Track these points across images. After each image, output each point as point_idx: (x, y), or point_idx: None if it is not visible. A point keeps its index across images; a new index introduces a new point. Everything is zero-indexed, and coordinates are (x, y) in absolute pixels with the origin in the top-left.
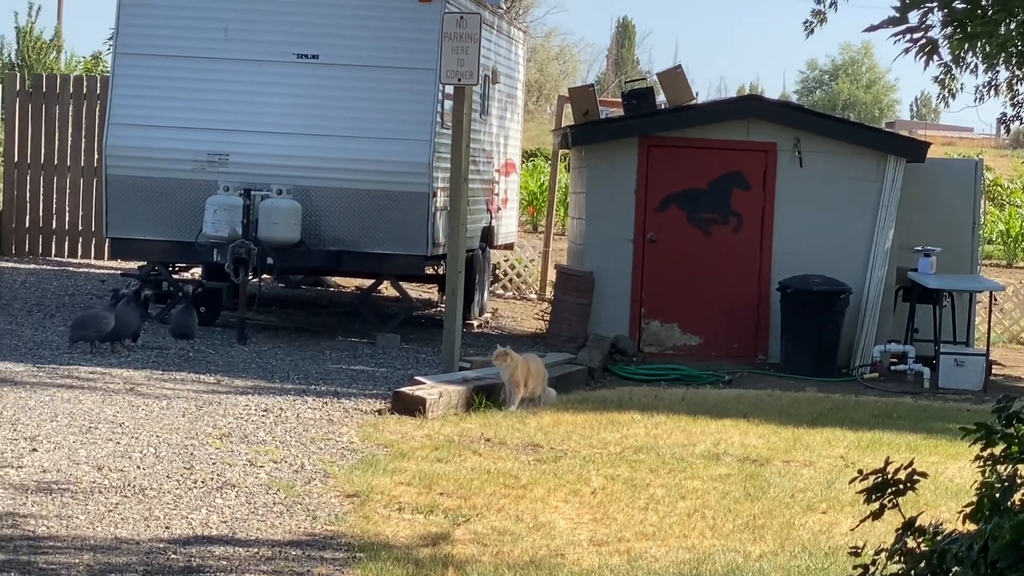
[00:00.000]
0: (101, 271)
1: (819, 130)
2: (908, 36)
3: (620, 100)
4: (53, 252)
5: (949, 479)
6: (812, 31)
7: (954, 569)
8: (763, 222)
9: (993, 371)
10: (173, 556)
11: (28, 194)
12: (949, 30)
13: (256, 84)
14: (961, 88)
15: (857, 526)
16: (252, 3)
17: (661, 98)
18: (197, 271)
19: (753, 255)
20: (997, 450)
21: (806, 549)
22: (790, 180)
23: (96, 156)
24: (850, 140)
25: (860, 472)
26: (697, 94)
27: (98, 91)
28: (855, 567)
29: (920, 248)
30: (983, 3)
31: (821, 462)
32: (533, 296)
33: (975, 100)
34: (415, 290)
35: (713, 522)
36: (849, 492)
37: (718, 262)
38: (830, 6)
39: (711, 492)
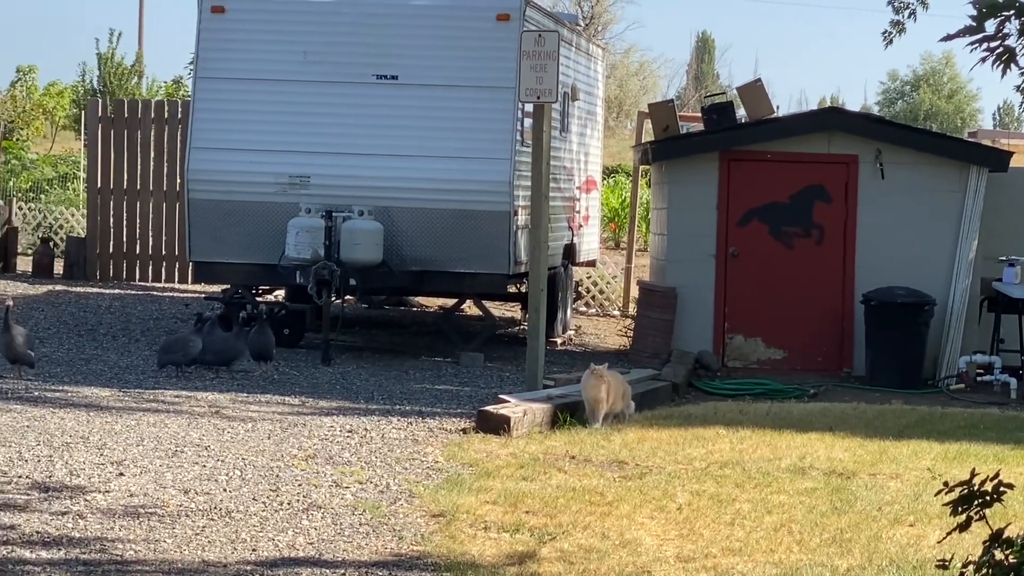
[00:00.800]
0: (185, 295)
1: (900, 141)
2: (985, 45)
3: (700, 115)
4: (137, 277)
5: None
6: (891, 41)
7: None
8: (845, 234)
9: None
10: None
11: (112, 219)
12: None
13: (336, 106)
14: None
15: (944, 538)
16: (331, 26)
17: (741, 112)
18: (280, 293)
19: (836, 268)
20: None
21: (894, 563)
22: (872, 192)
23: (178, 180)
24: (932, 151)
25: (946, 484)
26: (777, 107)
27: (179, 116)
28: None
29: (1004, 258)
30: None
31: (908, 474)
32: (616, 313)
33: None
34: (498, 308)
35: (800, 536)
36: (936, 504)
37: (801, 275)
38: (908, 16)
39: (797, 506)
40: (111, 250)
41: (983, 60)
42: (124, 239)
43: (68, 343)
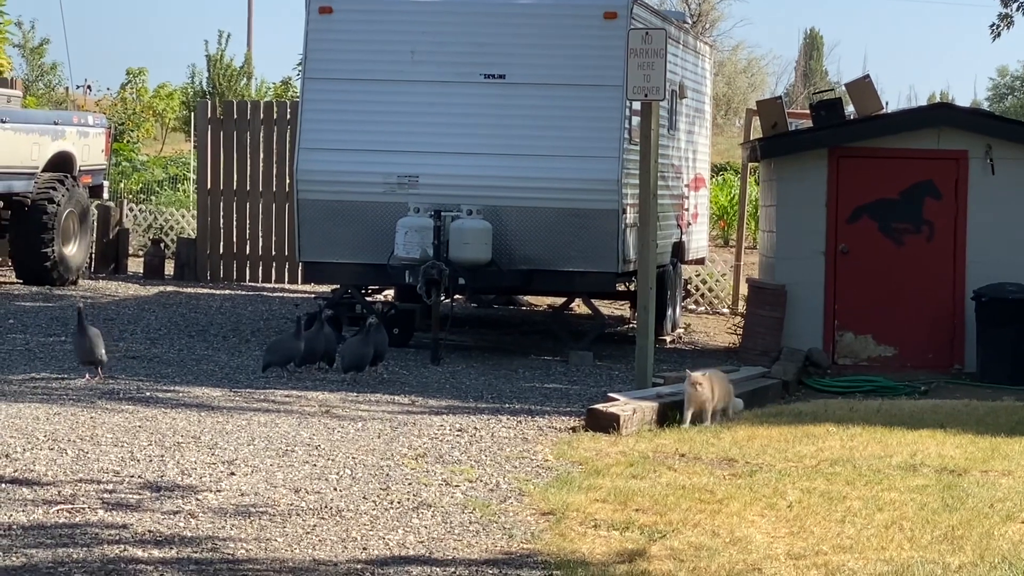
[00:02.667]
0: (295, 295)
1: (1010, 136)
2: None
3: (809, 112)
4: (247, 277)
5: None
6: (999, 34)
7: None
8: (956, 231)
9: None
10: None
11: (221, 220)
12: None
13: (444, 105)
14: None
15: None
16: (438, 25)
17: (850, 109)
18: (390, 293)
19: (946, 264)
20: None
21: (1006, 560)
22: (982, 188)
23: (287, 181)
24: None
25: None
26: (886, 104)
27: (288, 116)
28: None
29: None
30: None
31: (1020, 471)
32: (725, 310)
33: None
34: (607, 307)
35: (911, 534)
36: None
37: (911, 272)
38: (1017, 9)
39: (908, 504)
40: (221, 251)
41: None
42: (234, 240)
43: (179, 344)
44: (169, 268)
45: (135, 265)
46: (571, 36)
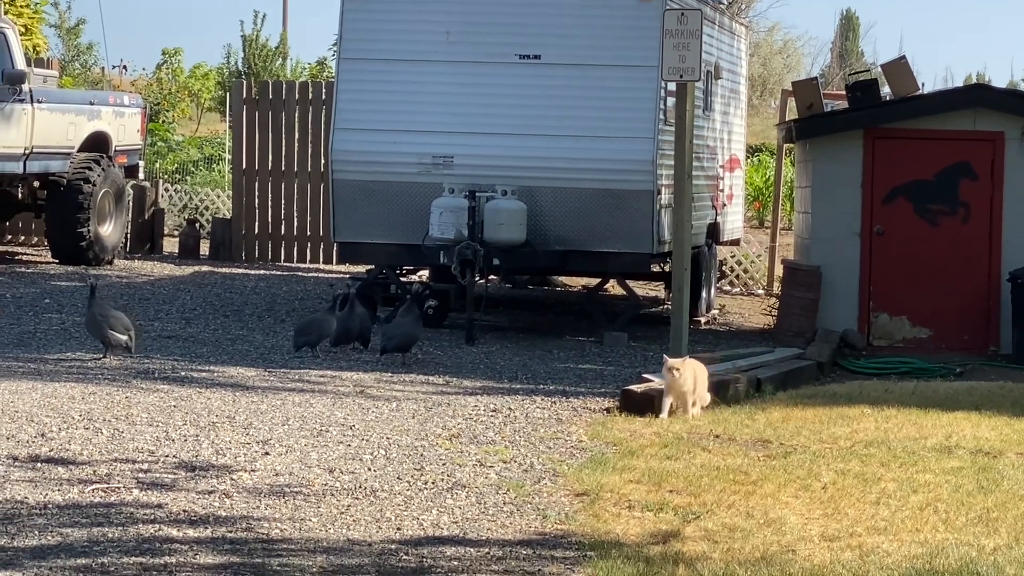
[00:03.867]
0: (329, 275)
1: None
2: None
3: (844, 93)
4: (282, 257)
5: None
6: None
7: None
8: (992, 212)
9: None
10: (405, 557)
11: (257, 201)
12: None
13: (479, 86)
14: None
15: None
16: (473, 5)
17: (886, 90)
18: (424, 273)
19: (982, 246)
20: None
21: None
22: (1018, 169)
23: (322, 161)
24: None
25: None
26: (922, 85)
27: (323, 96)
28: None
29: None
30: None
31: None
32: (760, 292)
33: None
34: (641, 288)
35: (946, 516)
36: None
37: (947, 254)
38: None
39: (943, 485)
40: (256, 231)
41: None
42: (269, 220)
43: (214, 323)
44: (204, 248)
45: (170, 245)
46: (607, 17)
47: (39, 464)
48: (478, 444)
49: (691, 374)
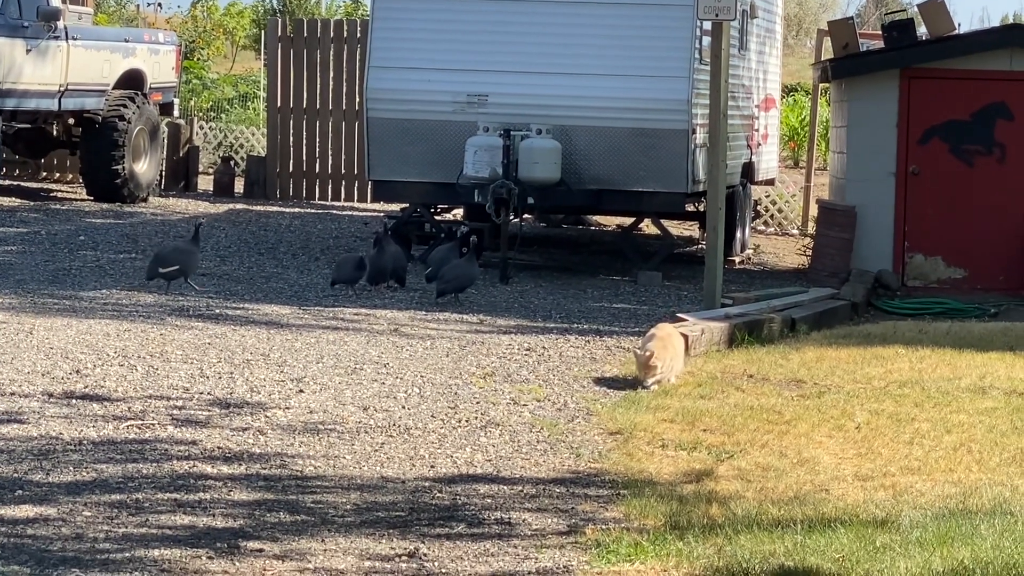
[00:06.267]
0: (364, 214)
1: None
2: None
3: (880, 33)
4: (316, 196)
5: None
6: None
7: None
8: None
9: None
10: (438, 494)
11: (291, 139)
12: None
13: (514, 24)
14: None
15: None
16: None
17: (922, 30)
18: (459, 212)
19: (1018, 186)
20: None
21: None
22: None
23: (357, 100)
24: None
25: None
26: (959, 25)
27: (358, 35)
28: None
29: None
30: None
31: None
32: (795, 232)
33: None
34: (676, 227)
35: (979, 456)
36: None
37: (982, 194)
38: None
39: (977, 426)
40: (291, 169)
41: None
42: (304, 158)
43: (248, 261)
44: (239, 186)
45: (205, 183)
46: None
47: (74, 400)
48: (512, 382)
49: (669, 353)
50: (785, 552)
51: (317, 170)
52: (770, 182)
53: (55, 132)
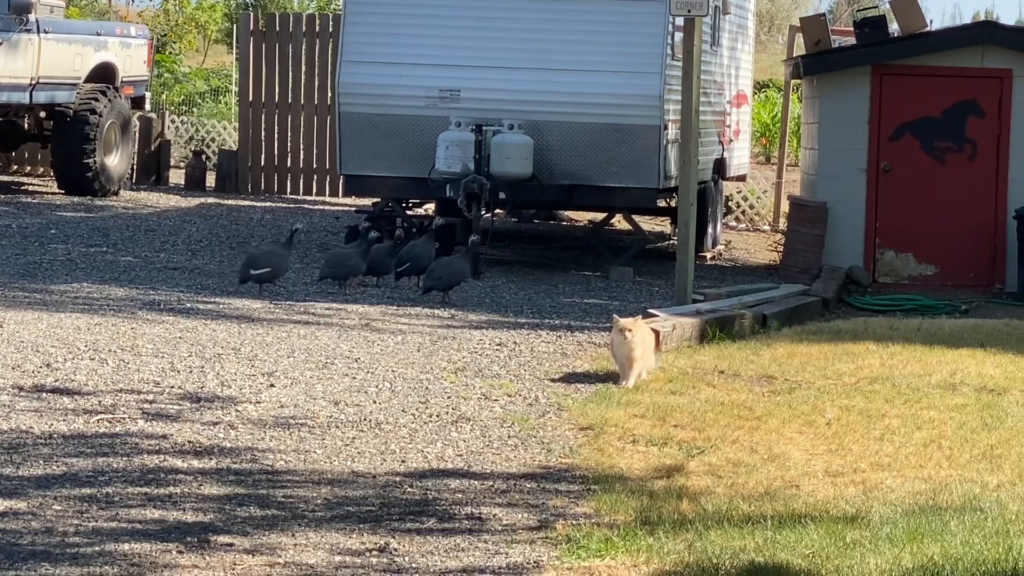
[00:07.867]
0: (336, 208)
1: None
2: None
3: (852, 29)
4: (288, 190)
5: None
6: None
7: None
8: (999, 150)
9: None
10: (409, 489)
11: (263, 133)
12: None
13: (486, 20)
14: None
15: None
16: None
17: (894, 27)
18: (430, 207)
19: (989, 183)
20: None
21: None
22: None
23: (329, 94)
24: None
25: None
26: (931, 21)
27: (331, 29)
28: None
29: None
30: None
31: None
32: (766, 227)
33: None
34: (647, 223)
35: (950, 452)
36: None
37: (953, 191)
38: None
39: (947, 422)
40: (263, 163)
41: None
42: (275, 152)
43: (220, 255)
44: (210, 180)
45: (176, 176)
46: None
47: (44, 394)
48: (483, 378)
49: (640, 338)
50: (755, 548)
51: (289, 164)
52: (742, 178)
53: (26, 125)
